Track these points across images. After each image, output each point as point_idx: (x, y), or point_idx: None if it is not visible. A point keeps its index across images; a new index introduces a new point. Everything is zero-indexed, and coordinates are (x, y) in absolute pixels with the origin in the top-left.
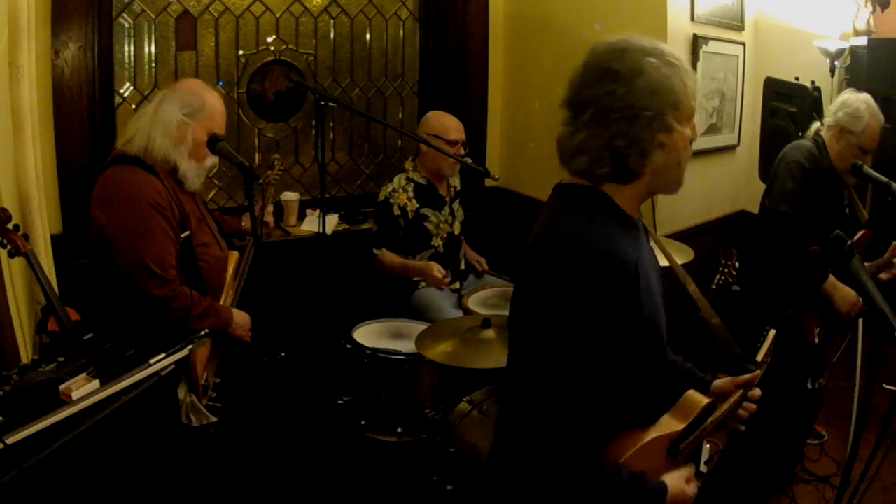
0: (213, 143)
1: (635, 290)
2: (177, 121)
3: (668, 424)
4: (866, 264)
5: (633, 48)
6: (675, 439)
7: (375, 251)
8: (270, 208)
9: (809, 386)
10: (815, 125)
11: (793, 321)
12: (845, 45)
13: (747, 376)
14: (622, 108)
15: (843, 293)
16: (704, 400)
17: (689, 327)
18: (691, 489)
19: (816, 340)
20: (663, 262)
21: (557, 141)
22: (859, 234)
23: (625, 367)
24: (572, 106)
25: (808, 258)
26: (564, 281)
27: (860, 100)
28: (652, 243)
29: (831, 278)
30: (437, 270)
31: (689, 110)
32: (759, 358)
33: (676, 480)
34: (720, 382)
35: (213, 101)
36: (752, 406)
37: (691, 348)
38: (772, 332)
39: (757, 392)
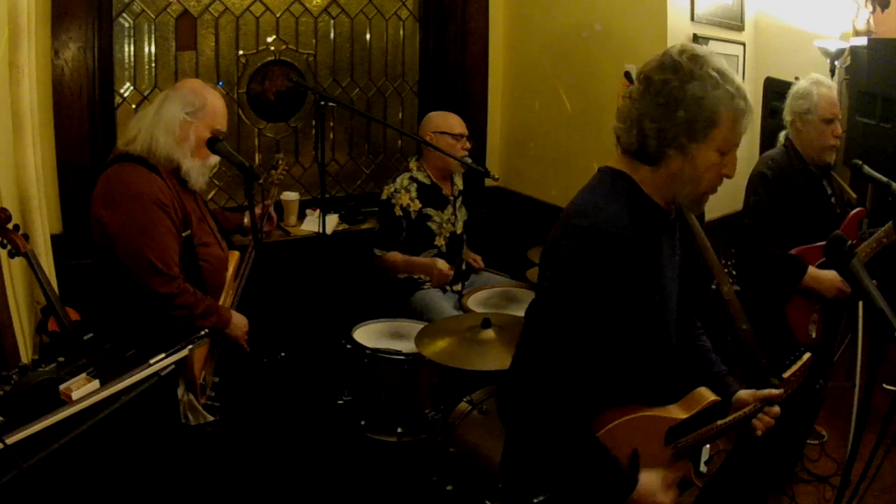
0: (212, 143)
1: (635, 267)
2: (179, 120)
3: (671, 411)
4: (875, 232)
5: (709, 61)
6: (674, 426)
7: (377, 251)
8: (271, 204)
9: (817, 385)
10: (783, 133)
11: (776, 324)
12: (845, 45)
13: (769, 392)
14: (667, 97)
15: (826, 282)
16: (711, 397)
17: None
18: (665, 497)
19: (814, 335)
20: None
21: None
22: (852, 213)
23: (620, 342)
24: (636, 80)
25: (780, 261)
26: (565, 253)
27: (805, 80)
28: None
29: (810, 271)
30: (442, 265)
31: (722, 139)
32: (786, 375)
33: (651, 482)
34: (742, 394)
35: (215, 100)
36: (770, 420)
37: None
38: (806, 355)
39: (776, 409)
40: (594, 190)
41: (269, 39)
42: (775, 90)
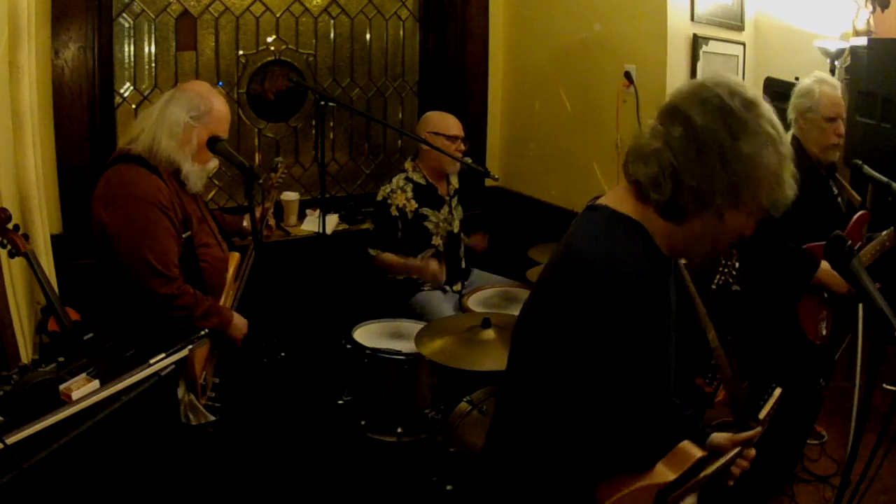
0: (212, 143)
1: (649, 317)
2: (183, 122)
3: (659, 474)
4: (877, 235)
5: (764, 112)
6: (663, 489)
7: (371, 251)
8: (270, 207)
9: (823, 384)
10: (790, 132)
11: (786, 322)
12: (845, 45)
13: (747, 434)
14: (716, 151)
15: (837, 277)
16: (698, 453)
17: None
18: None
19: (824, 333)
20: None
21: (634, 138)
22: (856, 216)
23: (625, 396)
24: (667, 113)
25: (795, 255)
26: (579, 303)
27: (809, 78)
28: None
29: (823, 266)
30: (434, 266)
31: (758, 206)
32: (762, 416)
33: None
34: (718, 437)
35: (220, 106)
36: (745, 464)
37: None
38: (777, 391)
39: (752, 451)
40: (601, 233)
41: (269, 39)
42: (775, 90)
